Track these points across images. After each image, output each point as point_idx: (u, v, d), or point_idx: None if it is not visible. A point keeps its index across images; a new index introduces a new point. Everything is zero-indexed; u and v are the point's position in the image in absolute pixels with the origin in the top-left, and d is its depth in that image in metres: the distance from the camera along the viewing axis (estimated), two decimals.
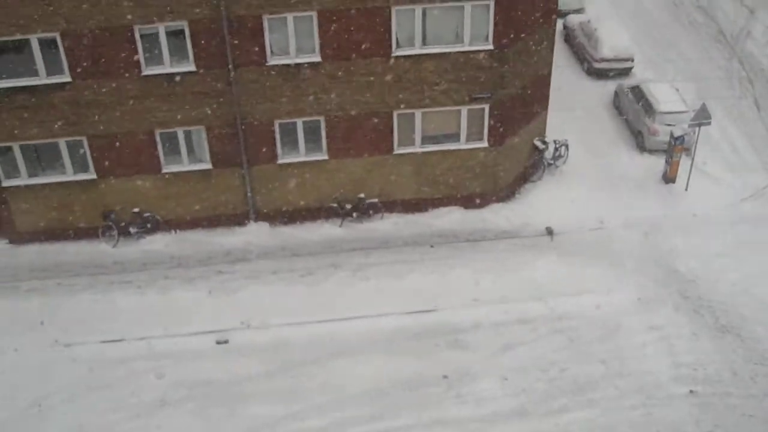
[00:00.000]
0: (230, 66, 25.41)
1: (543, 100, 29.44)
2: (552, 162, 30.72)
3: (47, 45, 24.99)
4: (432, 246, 27.58)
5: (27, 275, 27.12)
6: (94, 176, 27.22)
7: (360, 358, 23.57)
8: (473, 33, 25.95)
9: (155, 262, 27.34)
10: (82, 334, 24.82)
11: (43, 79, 25.46)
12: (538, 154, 30.14)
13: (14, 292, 26.43)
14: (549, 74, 29.16)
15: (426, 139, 27.67)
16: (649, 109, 32.36)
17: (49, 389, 23.16)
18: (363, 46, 25.58)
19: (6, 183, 27.26)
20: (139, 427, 22.01)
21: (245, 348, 24.12)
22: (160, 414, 22.38)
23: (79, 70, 25.34)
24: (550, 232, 28.09)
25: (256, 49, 25.37)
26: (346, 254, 27.21)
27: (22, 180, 27.27)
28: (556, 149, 30.74)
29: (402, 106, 26.79)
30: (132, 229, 27.88)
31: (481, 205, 29.00)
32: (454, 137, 27.82)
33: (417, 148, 27.68)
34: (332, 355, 23.73)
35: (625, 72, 37.40)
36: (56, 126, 26.20)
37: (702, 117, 29.23)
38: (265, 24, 25.02)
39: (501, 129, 27.80)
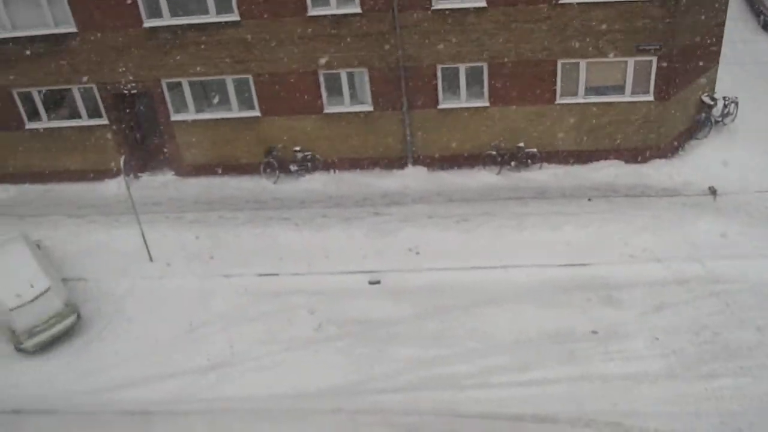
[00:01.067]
0: (395, 8, 25.40)
1: (714, 54, 28.15)
2: (720, 119, 29.43)
3: None
4: (590, 199, 26.94)
5: (191, 207, 28.26)
6: (258, 114, 27.98)
7: (510, 307, 23.37)
8: None
9: (313, 200, 27.87)
10: (240, 266, 25.66)
11: (213, 17, 26.25)
12: (705, 111, 28.96)
13: (179, 222, 27.60)
14: (722, 27, 27.82)
15: (589, 90, 26.95)
16: None
17: (205, 316, 24.06)
18: None
19: (174, 117, 28.40)
20: (288, 360, 22.53)
21: (397, 290, 24.26)
22: (308, 349, 22.84)
23: (247, 9, 25.91)
24: (713, 191, 26.99)
25: None
26: (502, 203, 26.91)
27: (190, 115, 28.32)
28: (725, 106, 29.42)
29: (566, 55, 26.19)
30: (292, 167, 28.51)
31: (642, 161, 28.12)
32: (619, 89, 26.96)
33: (579, 99, 27.03)
34: (483, 303, 23.57)
35: None
36: (224, 63, 27.00)
37: None
38: None
39: (668, 82, 26.77)
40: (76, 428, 21.09)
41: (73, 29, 26.88)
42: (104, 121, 28.69)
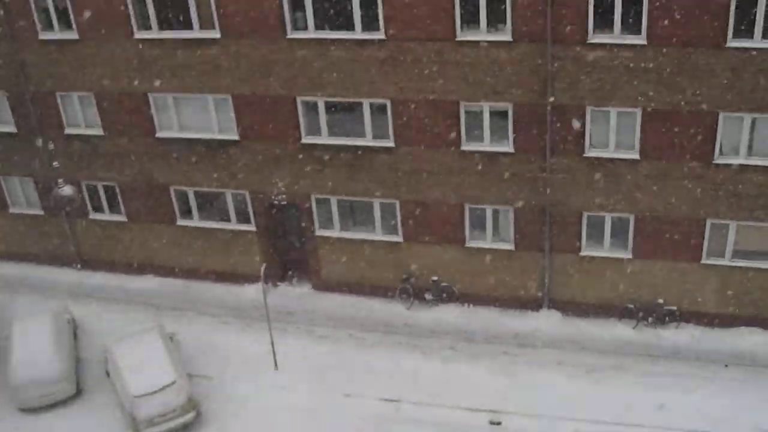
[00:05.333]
0: (548, 152, 25.70)
1: None
2: None
3: (377, 110, 26.65)
4: (726, 365, 26.07)
5: (323, 322, 28.78)
6: (401, 240, 28.44)
7: None
8: None
9: (444, 331, 27.90)
10: (363, 387, 25.79)
11: (368, 141, 27.16)
12: None
13: (309, 335, 28.19)
14: None
15: (737, 253, 26.38)
16: None
17: None
18: (684, 149, 24.84)
19: (319, 232, 29.17)
20: None
21: None
22: None
23: (402, 137, 26.68)
24: None
25: (576, 138, 25.46)
26: (635, 358, 26.26)
27: (334, 232, 29.08)
28: None
29: (716, 215, 25.71)
30: (427, 296, 28.71)
31: None
32: None
33: (726, 261, 26.42)
34: None
35: None
36: (373, 186, 27.72)
37: None
38: (588, 116, 25.10)
39: None
40: None
41: (236, 137, 28.18)
42: (252, 227, 29.71)
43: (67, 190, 27.67)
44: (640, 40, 23.74)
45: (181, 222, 30.67)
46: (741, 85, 23.73)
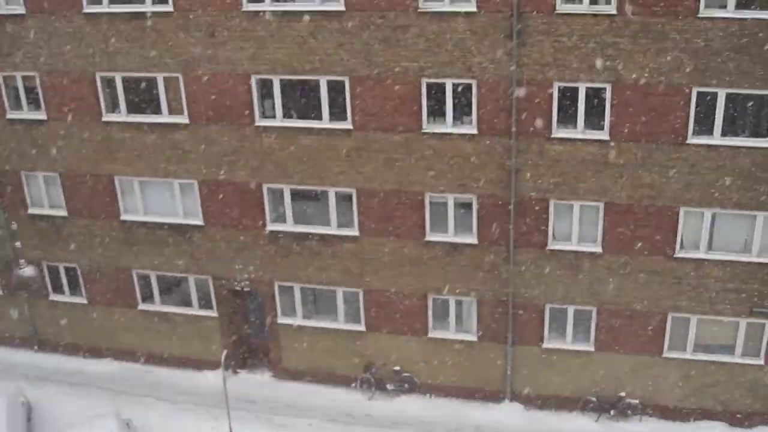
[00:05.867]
0: (511, 244, 25.87)
1: None
2: None
3: (343, 199, 26.77)
4: None
5: (283, 410, 28.27)
6: (363, 329, 28.30)
7: None
8: (763, 244, 24.90)
9: (406, 422, 27.48)
10: None
11: (333, 230, 27.21)
12: None
13: (268, 423, 27.61)
14: None
15: (697, 347, 26.50)
16: None
17: None
18: (645, 243, 25.20)
19: (281, 320, 28.96)
20: None
21: None
22: None
23: (367, 226, 26.80)
24: None
25: (539, 231, 25.71)
26: None
27: (296, 320, 28.89)
28: None
29: (678, 309, 25.96)
30: (389, 386, 28.43)
31: (749, 426, 27.06)
32: (728, 349, 26.38)
33: (687, 355, 26.51)
34: None
35: None
36: (337, 275, 27.68)
37: None
38: (551, 209, 25.41)
39: None
40: None
41: (200, 222, 28.13)
42: (213, 313, 29.44)
43: (28, 271, 27.30)
44: (603, 135, 24.25)
45: (142, 306, 30.35)
46: (701, 181, 24.25)
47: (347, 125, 25.62)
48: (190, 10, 25.50)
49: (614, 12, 22.93)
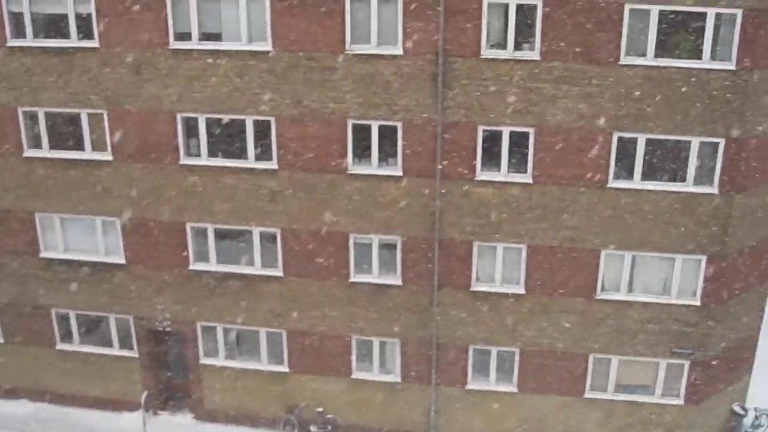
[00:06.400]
0: (435, 286, 25.99)
1: (747, 363, 28.13)
2: (750, 431, 29.01)
3: (267, 238, 26.59)
4: None
5: None
6: (287, 370, 28.00)
7: None
8: (681, 286, 25.48)
9: None
10: None
11: (257, 270, 26.99)
12: (735, 421, 28.56)
13: None
14: (756, 337, 27.91)
15: (618, 387, 26.87)
16: None
17: None
18: (567, 285, 25.57)
19: (203, 361, 28.53)
20: None
21: None
22: None
23: (291, 266, 26.66)
24: None
25: (463, 272, 25.89)
26: None
27: (219, 360, 28.46)
28: (756, 417, 29.03)
29: (598, 350, 26.29)
30: (313, 428, 28.11)
31: None
32: (648, 389, 26.82)
33: (609, 395, 26.85)
34: None
35: None
36: (261, 315, 27.41)
37: None
38: (475, 250, 25.66)
39: (699, 388, 26.60)
40: None
41: (122, 261, 27.63)
42: (134, 353, 28.84)
43: None
44: (526, 178, 24.59)
45: (61, 346, 29.60)
46: (622, 224, 24.73)
47: (272, 165, 25.53)
48: (115, 47, 25.28)
49: (537, 58, 23.41)
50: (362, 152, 25.19)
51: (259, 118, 25.18)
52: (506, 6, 23.23)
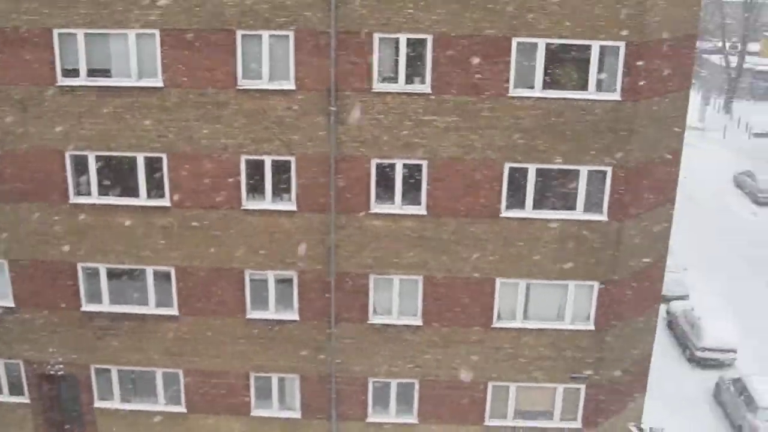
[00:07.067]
0: (332, 320, 25.91)
1: (641, 385, 28.79)
2: None
3: (161, 277, 26.13)
4: None
5: None
6: (185, 410, 27.46)
7: None
8: (575, 312, 25.98)
9: None
10: None
11: (152, 309, 26.46)
12: None
13: None
14: (649, 360, 28.67)
15: (518, 414, 27.16)
16: (750, 403, 31.34)
17: None
18: (464, 315, 25.78)
19: (98, 404, 27.75)
20: None
21: None
22: None
23: (187, 305, 26.21)
24: None
25: (359, 306, 25.88)
26: None
27: (114, 403, 27.72)
28: None
29: (497, 378, 26.56)
30: None
31: None
32: (548, 414, 27.21)
33: (509, 422, 27.12)
34: None
35: (728, 363, 36.63)
36: (157, 356, 26.85)
37: None
38: (371, 283, 25.71)
39: (596, 411, 27.09)
40: None
41: (11, 304, 26.67)
42: (25, 399, 27.88)
43: None
44: (420, 210, 24.79)
45: None
46: (515, 253, 25.12)
47: (165, 202, 25.12)
48: (1, 83, 24.66)
49: (429, 91, 23.70)
50: (256, 187, 25.04)
51: (151, 155, 24.81)
52: (397, 40, 23.50)
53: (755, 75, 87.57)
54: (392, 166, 24.52)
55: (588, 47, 23.46)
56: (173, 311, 26.37)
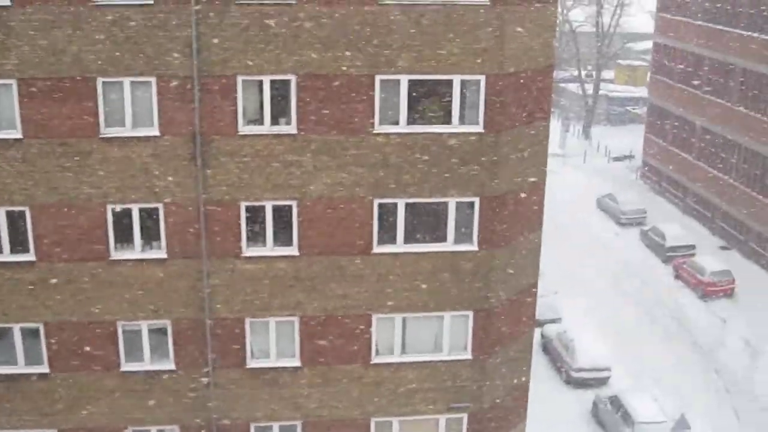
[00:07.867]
0: (210, 367, 25.43)
1: (521, 410, 29.31)
2: None
3: (30, 334, 25.09)
4: None
5: None
6: None
7: None
8: (452, 342, 26.26)
9: None
10: None
11: (21, 368, 25.35)
12: None
13: None
14: (527, 384, 29.19)
15: None
16: (627, 419, 32.30)
17: None
18: (343, 353, 25.78)
19: None
20: None
21: None
22: None
23: (57, 361, 25.25)
24: None
25: (237, 350, 25.46)
26: None
27: None
28: None
29: (379, 413, 26.58)
30: None
31: None
32: None
33: None
34: None
35: (603, 381, 37.71)
36: (27, 417, 25.64)
37: (681, 427, 29.17)
38: (248, 327, 25.41)
39: None
40: None
41: None
42: None
43: None
44: (293, 251, 24.76)
45: None
46: (389, 288, 25.29)
47: (30, 257, 24.25)
48: None
49: (295, 132, 23.76)
50: (125, 237, 24.50)
51: (12, 208, 24.01)
52: (261, 82, 23.53)
53: (610, 101, 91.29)
54: (262, 208, 24.44)
55: (450, 82, 24.05)
56: (44, 369, 25.29)
